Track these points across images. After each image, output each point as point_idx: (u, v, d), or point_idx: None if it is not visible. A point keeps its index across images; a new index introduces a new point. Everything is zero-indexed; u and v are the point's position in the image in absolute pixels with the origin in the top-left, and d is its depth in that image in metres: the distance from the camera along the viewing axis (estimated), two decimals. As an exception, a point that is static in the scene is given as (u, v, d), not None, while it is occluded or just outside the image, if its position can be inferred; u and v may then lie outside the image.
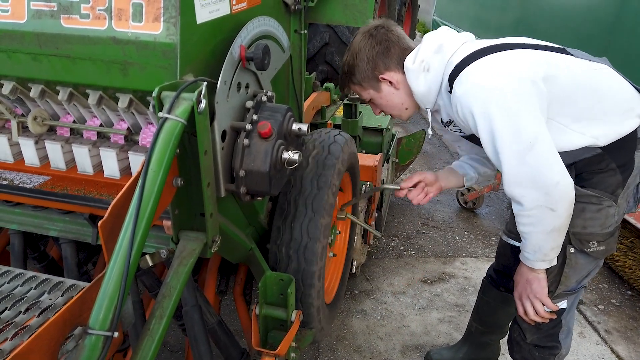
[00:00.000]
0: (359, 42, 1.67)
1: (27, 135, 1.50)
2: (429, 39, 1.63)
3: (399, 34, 1.68)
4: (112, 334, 0.94)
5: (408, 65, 1.62)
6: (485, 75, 1.47)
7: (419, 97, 1.65)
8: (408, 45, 1.67)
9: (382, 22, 1.70)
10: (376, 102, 1.75)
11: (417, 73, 1.60)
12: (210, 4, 1.31)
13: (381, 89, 1.69)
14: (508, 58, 1.50)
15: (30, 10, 1.27)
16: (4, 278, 1.20)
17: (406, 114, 1.76)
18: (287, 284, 1.58)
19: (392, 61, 1.64)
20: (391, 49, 1.64)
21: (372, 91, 1.71)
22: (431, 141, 5.11)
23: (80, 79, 1.32)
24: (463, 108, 1.49)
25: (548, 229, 1.46)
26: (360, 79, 1.69)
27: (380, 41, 1.64)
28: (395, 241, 3.44)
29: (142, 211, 1.03)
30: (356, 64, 1.67)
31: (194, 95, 1.14)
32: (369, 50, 1.64)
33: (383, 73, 1.65)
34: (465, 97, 1.47)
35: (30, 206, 1.53)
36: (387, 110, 1.76)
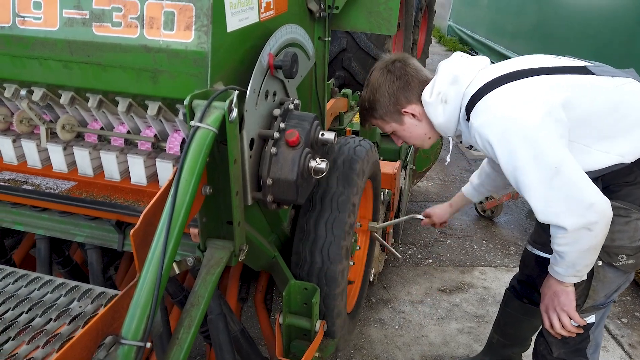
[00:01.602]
0: (377, 78, 1.69)
1: (55, 141, 1.51)
2: (444, 69, 1.63)
3: (416, 66, 1.70)
4: (145, 344, 0.93)
5: (426, 99, 1.63)
6: (501, 106, 1.44)
7: (440, 128, 1.66)
8: (426, 77, 1.69)
9: (398, 57, 1.72)
10: (399, 134, 1.77)
11: (435, 105, 1.61)
12: (240, 12, 1.31)
13: (404, 121, 1.70)
14: (524, 87, 1.47)
15: (62, 18, 1.28)
16: (34, 285, 1.20)
17: (428, 143, 1.78)
18: (311, 293, 1.56)
19: (413, 94, 1.66)
20: (411, 82, 1.66)
21: (394, 124, 1.73)
22: (448, 148, 5.07)
23: (110, 87, 1.32)
24: (482, 139, 1.48)
25: (584, 248, 1.43)
26: (382, 114, 1.71)
27: (399, 76, 1.66)
28: (413, 249, 3.41)
29: (174, 220, 1.03)
30: (377, 100, 1.69)
31: (225, 104, 1.14)
32: (389, 86, 1.66)
33: (405, 107, 1.67)
34: (483, 129, 1.46)
35: (57, 212, 1.53)
36: (410, 141, 1.78)
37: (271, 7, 1.48)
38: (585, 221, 1.38)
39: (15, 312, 1.11)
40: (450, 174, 4.62)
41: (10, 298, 1.15)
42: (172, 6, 1.21)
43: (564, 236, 1.42)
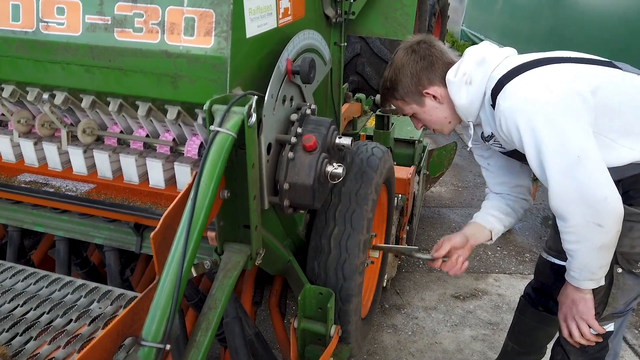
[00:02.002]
0: (401, 57, 1.67)
1: (76, 144, 1.53)
2: (471, 52, 1.62)
3: (441, 48, 1.68)
4: (165, 346, 0.94)
5: (450, 78, 1.61)
6: (530, 88, 1.44)
7: (461, 110, 1.63)
8: (451, 60, 1.66)
9: (423, 38, 1.70)
10: (419, 117, 1.74)
11: (458, 86, 1.59)
12: (259, 18, 1.32)
13: (425, 103, 1.68)
14: (554, 71, 1.48)
15: (85, 23, 1.30)
16: (55, 285, 1.22)
17: (448, 128, 1.74)
18: (326, 298, 1.57)
19: (436, 76, 1.63)
20: (435, 63, 1.63)
21: (415, 106, 1.70)
22: (461, 153, 5.04)
23: (130, 91, 1.34)
24: (507, 122, 1.46)
25: (596, 246, 1.42)
26: (403, 94, 1.69)
27: (424, 56, 1.64)
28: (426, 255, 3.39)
29: (194, 223, 1.04)
30: (399, 79, 1.67)
31: (244, 109, 1.15)
32: (412, 66, 1.64)
33: (427, 88, 1.65)
34: (510, 111, 1.45)
35: (77, 214, 1.55)
36: (430, 125, 1.75)
37: (289, 12, 1.49)
38: (593, 215, 1.37)
39: (36, 312, 1.13)
40: (463, 179, 4.59)
41: (32, 298, 1.17)
42: (192, 12, 1.22)
43: (572, 231, 1.41)
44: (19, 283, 1.23)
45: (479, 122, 1.65)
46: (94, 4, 1.29)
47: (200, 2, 1.21)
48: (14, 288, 1.21)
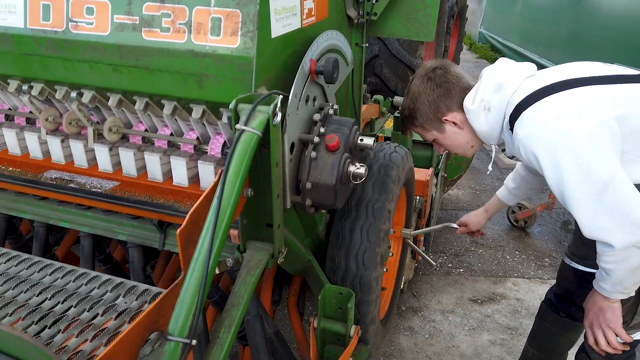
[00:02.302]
0: (417, 85, 1.67)
1: (102, 142, 1.56)
2: (488, 76, 1.59)
3: (457, 74, 1.67)
4: (191, 341, 0.95)
5: (468, 106, 1.59)
6: (548, 117, 1.40)
7: (483, 136, 1.63)
8: (468, 84, 1.65)
9: (438, 64, 1.69)
10: (440, 142, 1.75)
11: (477, 113, 1.58)
12: (284, 19, 1.33)
13: (445, 129, 1.68)
14: (574, 97, 1.42)
15: (113, 23, 1.33)
16: (81, 280, 1.24)
17: (471, 151, 1.74)
18: (346, 298, 1.57)
19: (454, 102, 1.63)
20: (451, 90, 1.63)
21: (435, 132, 1.71)
22: (479, 156, 5.00)
23: (157, 90, 1.36)
24: (526, 150, 1.44)
25: (634, 266, 1.39)
26: (423, 122, 1.70)
27: (440, 84, 1.63)
28: (443, 258, 3.37)
29: (220, 220, 1.05)
30: (417, 108, 1.67)
31: (269, 108, 1.16)
32: (429, 94, 1.64)
33: (446, 115, 1.65)
34: (528, 140, 1.42)
35: (101, 210, 1.58)
36: (452, 149, 1.75)
37: (312, 13, 1.50)
38: (634, 239, 1.33)
39: (64, 306, 1.15)
40: (481, 182, 4.55)
41: (60, 292, 1.20)
42: (219, 12, 1.24)
43: (612, 254, 1.38)
44: (47, 277, 1.25)
45: (501, 142, 1.65)
46: (123, 4, 1.31)
47: (227, 2, 1.23)
48: (42, 282, 1.23)
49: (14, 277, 1.24)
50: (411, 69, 4.32)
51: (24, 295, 1.18)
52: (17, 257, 1.33)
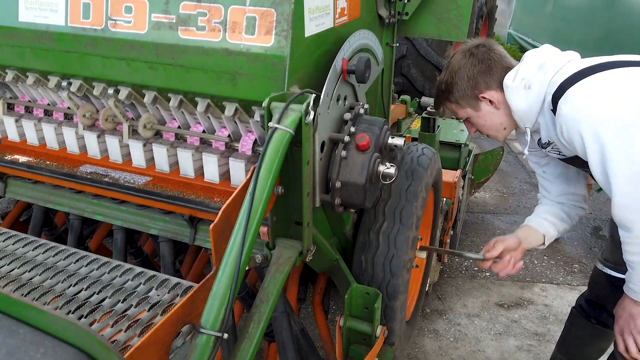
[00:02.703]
0: (458, 60, 1.65)
1: (136, 138, 1.59)
2: (531, 56, 1.58)
3: (500, 52, 1.64)
4: (222, 334, 0.96)
5: (508, 83, 1.57)
6: (595, 94, 1.39)
7: (519, 116, 1.59)
8: (510, 64, 1.62)
9: (482, 41, 1.67)
10: (473, 121, 1.71)
11: (517, 90, 1.55)
12: (318, 18, 1.34)
13: (480, 108, 1.65)
14: (619, 75, 1.42)
15: (151, 21, 1.36)
16: (116, 272, 1.28)
17: (503, 134, 1.70)
18: (373, 298, 1.56)
19: (494, 80, 1.60)
20: (493, 67, 1.60)
21: (469, 110, 1.67)
22: (507, 159, 4.92)
23: (191, 88, 1.39)
24: (569, 129, 1.42)
25: None
26: (458, 97, 1.66)
27: (482, 60, 1.61)
28: (469, 261, 3.33)
29: (252, 217, 1.06)
30: (455, 82, 1.65)
31: (302, 107, 1.17)
32: (470, 69, 1.61)
33: (483, 92, 1.62)
34: (573, 117, 1.40)
35: (134, 204, 1.62)
36: (484, 130, 1.71)
37: (345, 12, 1.50)
38: None
39: (99, 297, 1.18)
40: (509, 185, 4.47)
41: (95, 283, 1.23)
42: (254, 11, 1.25)
43: (636, 242, 1.36)
44: (83, 268, 1.29)
45: (536, 128, 1.61)
46: (160, 2, 1.34)
47: (263, 1, 1.24)
48: (79, 272, 1.27)
49: (51, 267, 1.28)
50: (439, 69, 4.28)
51: (61, 285, 1.22)
52: (55, 248, 1.37)
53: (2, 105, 1.76)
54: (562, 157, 1.64)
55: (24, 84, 1.67)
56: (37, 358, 0.52)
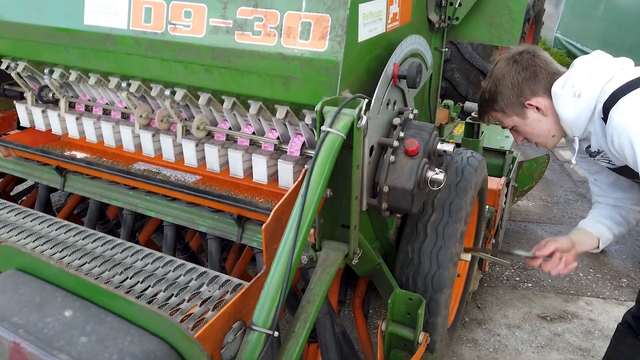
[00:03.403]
0: (502, 68, 1.63)
1: (189, 138, 1.65)
2: (581, 63, 1.54)
3: (545, 58, 1.61)
4: (273, 332, 0.99)
5: (556, 91, 1.54)
6: None
7: (567, 124, 1.55)
8: (557, 70, 1.59)
9: (526, 48, 1.64)
10: (520, 130, 1.68)
11: (566, 98, 1.52)
12: (371, 23, 1.35)
13: (527, 115, 1.62)
14: None
15: (208, 26, 1.41)
16: (169, 266, 1.33)
17: (552, 141, 1.66)
18: (416, 305, 1.56)
19: (540, 87, 1.57)
20: (538, 74, 1.57)
21: (516, 118, 1.65)
22: (552, 167, 4.77)
23: (245, 90, 1.43)
24: (621, 138, 1.38)
25: None
26: (503, 106, 1.64)
27: (527, 66, 1.58)
28: (510, 271, 3.25)
29: (304, 218, 1.08)
30: (499, 91, 1.63)
31: (354, 111, 1.18)
32: (514, 76, 1.59)
33: (529, 99, 1.59)
34: (624, 127, 1.36)
35: (185, 202, 1.67)
36: (532, 138, 1.68)
37: (397, 18, 1.51)
38: None
39: (154, 290, 1.23)
40: (553, 194, 4.34)
41: (150, 276, 1.28)
42: (309, 17, 1.28)
43: None
44: (138, 261, 1.35)
45: (586, 136, 1.57)
46: (218, 8, 1.38)
47: (318, 7, 1.26)
48: (134, 265, 1.33)
49: (109, 260, 1.35)
50: (484, 74, 4.20)
51: (119, 277, 1.28)
52: (112, 241, 1.44)
53: (64, 104, 1.85)
54: (612, 166, 1.59)
55: (85, 84, 1.76)
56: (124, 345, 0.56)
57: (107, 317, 0.59)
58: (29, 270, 0.68)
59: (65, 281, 0.66)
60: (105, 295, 0.60)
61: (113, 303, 0.60)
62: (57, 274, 0.66)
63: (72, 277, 0.65)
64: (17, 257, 0.68)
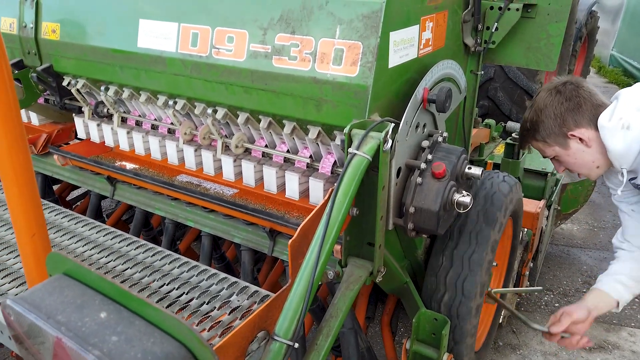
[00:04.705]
0: (544, 98, 1.64)
1: (228, 153, 1.74)
2: (628, 95, 1.53)
3: (589, 90, 1.61)
4: (294, 344, 1.04)
5: (603, 123, 1.53)
6: None
7: (615, 156, 1.54)
8: (601, 102, 1.58)
9: (569, 79, 1.65)
10: (562, 160, 1.68)
11: (614, 131, 1.50)
12: (402, 49, 1.40)
13: (569, 146, 1.62)
14: None
15: (249, 51, 1.50)
16: (203, 275, 1.41)
17: (596, 172, 1.65)
18: (441, 325, 1.57)
19: (584, 118, 1.57)
20: (582, 105, 1.57)
21: (557, 148, 1.65)
22: (599, 190, 4.59)
23: (280, 111, 1.51)
24: None
25: None
26: (545, 136, 1.65)
27: (570, 97, 1.58)
28: (550, 296, 3.16)
29: (327, 235, 1.14)
30: (541, 121, 1.63)
31: (381, 135, 1.23)
32: (557, 107, 1.60)
33: (573, 130, 1.59)
34: None
35: (222, 214, 1.76)
36: (575, 169, 1.67)
37: (430, 43, 1.55)
38: None
39: (188, 297, 1.32)
40: (600, 218, 4.18)
41: (185, 284, 1.37)
42: (342, 44, 1.34)
43: None
44: (175, 269, 1.44)
45: (633, 168, 1.55)
46: (258, 34, 1.47)
47: (351, 34, 1.33)
48: (171, 273, 1.42)
49: (149, 267, 1.45)
50: (528, 94, 4.13)
51: (157, 283, 1.37)
52: (153, 249, 1.54)
53: (117, 118, 2.01)
54: None
55: (136, 101, 1.90)
56: (148, 346, 0.63)
57: (135, 321, 0.67)
58: (73, 275, 0.77)
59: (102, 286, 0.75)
60: (135, 301, 0.68)
61: (141, 308, 0.68)
62: (97, 280, 0.75)
63: (109, 284, 0.74)
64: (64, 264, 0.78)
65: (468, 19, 1.77)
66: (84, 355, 0.65)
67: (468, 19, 1.77)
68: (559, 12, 1.77)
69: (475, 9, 1.77)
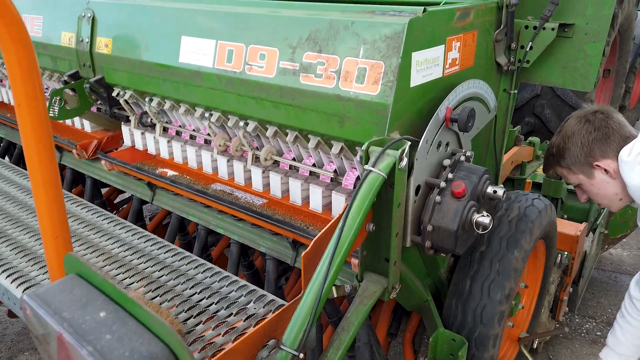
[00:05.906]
0: (572, 125, 1.61)
1: (257, 165, 1.81)
2: None
3: (620, 121, 1.58)
4: (299, 354, 1.08)
5: (623, 157, 1.50)
6: None
7: (633, 191, 1.51)
8: (630, 134, 1.55)
9: (600, 108, 1.62)
10: (585, 189, 1.65)
11: (632, 166, 1.47)
12: (425, 69, 1.42)
13: (594, 176, 1.59)
14: None
15: (279, 68, 1.57)
16: (225, 281, 1.48)
17: (618, 205, 1.61)
18: (459, 346, 1.55)
19: (611, 149, 1.54)
20: (610, 136, 1.55)
21: (582, 177, 1.62)
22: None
23: (305, 126, 1.56)
24: None
25: None
26: (570, 163, 1.63)
27: (599, 127, 1.56)
28: (592, 324, 3.01)
29: (338, 250, 1.17)
30: (567, 147, 1.61)
31: (397, 153, 1.25)
32: (585, 136, 1.57)
33: (599, 160, 1.56)
34: None
35: (249, 223, 1.83)
36: (597, 199, 1.64)
37: (457, 62, 1.56)
38: None
39: (208, 302, 1.39)
40: (655, 245, 3.93)
41: (206, 289, 1.44)
42: (365, 63, 1.38)
43: None
44: (199, 274, 1.52)
45: None
46: (288, 52, 1.54)
47: (374, 54, 1.36)
48: (195, 278, 1.49)
49: (176, 270, 1.53)
50: (577, 111, 3.98)
51: (181, 286, 1.45)
52: (181, 253, 1.63)
53: (159, 128, 2.13)
54: None
55: (177, 112, 2.02)
56: (136, 346, 0.69)
57: (129, 321, 0.73)
58: (84, 276, 0.85)
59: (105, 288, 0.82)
60: (130, 303, 0.74)
61: (135, 309, 0.74)
62: (101, 282, 0.83)
63: (110, 285, 0.81)
64: (77, 265, 0.87)
65: (501, 38, 1.76)
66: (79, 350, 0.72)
67: (501, 38, 1.76)
68: (597, 31, 1.72)
69: (509, 29, 1.76)
